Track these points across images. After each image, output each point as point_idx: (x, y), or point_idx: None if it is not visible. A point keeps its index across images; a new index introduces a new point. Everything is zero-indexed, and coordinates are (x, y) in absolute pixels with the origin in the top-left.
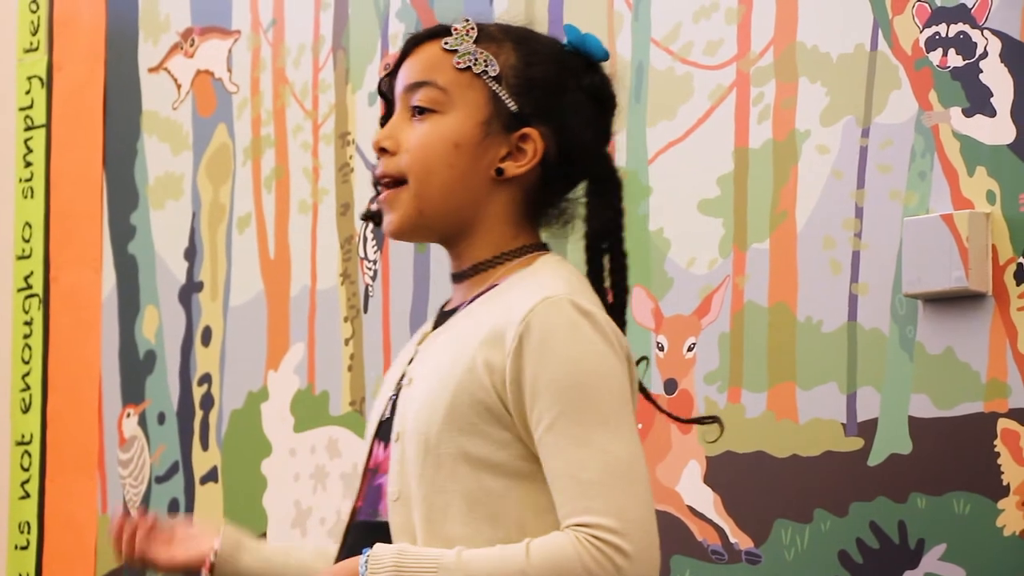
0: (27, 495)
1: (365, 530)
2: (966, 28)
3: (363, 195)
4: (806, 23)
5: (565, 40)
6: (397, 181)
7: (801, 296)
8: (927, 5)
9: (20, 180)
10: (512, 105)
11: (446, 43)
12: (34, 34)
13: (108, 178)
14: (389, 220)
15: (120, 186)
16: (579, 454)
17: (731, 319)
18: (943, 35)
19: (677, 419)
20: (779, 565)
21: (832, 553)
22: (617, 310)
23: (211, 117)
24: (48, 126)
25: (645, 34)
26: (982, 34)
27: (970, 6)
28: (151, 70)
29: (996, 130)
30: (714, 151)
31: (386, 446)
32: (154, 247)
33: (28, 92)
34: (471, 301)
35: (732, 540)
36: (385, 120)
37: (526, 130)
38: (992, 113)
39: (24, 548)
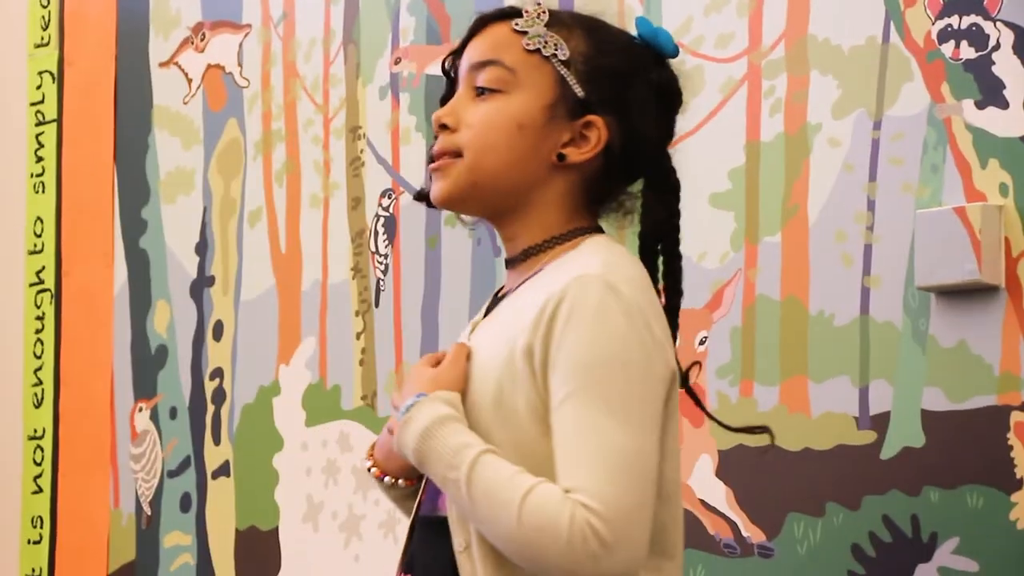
0: (39, 490)
1: (426, 526)
2: (978, 20)
3: (374, 189)
4: (817, 16)
5: (636, 33)
6: (454, 156)
7: (813, 289)
8: None
9: (32, 175)
10: (579, 91)
11: (516, 24)
12: (45, 29)
13: (119, 173)
14: (439, 187)
15: (131, 181)
16: (579, 434)
17: (743, 313)
18: (955, 27)
19: (727, 427)
20: (792, 559)
21: (845, 547)
22: (670, 312)
23: (222, 111)
24: (59, 121)
25: None
26: (995, 26)
27: None
28: (162, 65)
29: (1009, 122)
30: (725, 144)
31: None
32: (165, 242)
33: (39, 87)
34: (519, 287)
35: (745, 534)
36: (445, 100)
37: (591, 117)
38: (1005, 105)
39: (37, 543)
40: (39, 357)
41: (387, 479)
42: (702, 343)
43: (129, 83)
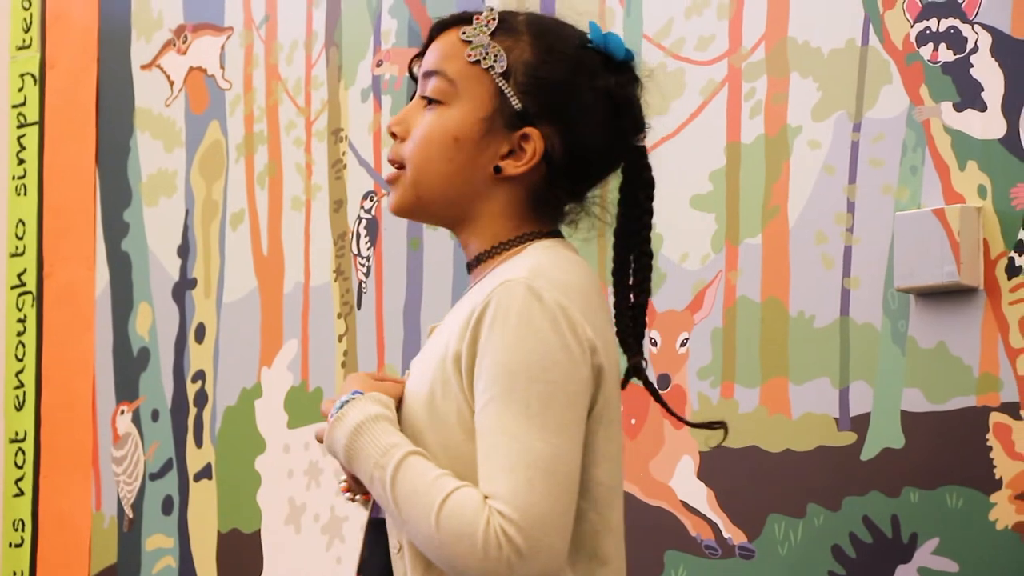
0: (21, 492)
1: (374, 527)
2: (957, 23)
3: (356, 191)
4: (797, 18)
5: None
6: (401, 167)
7: (793, 291)
8: (918, 0)
9: (13, 177)
10: (516, 103)
11: (464, 33)
12: (26, 31)
13: (101, 175)
14: (391, 198)
15: (113, 183)
16: (497, 440)
17: (724, 314)
18: (934, 30)
19: (684, 421)
20: (772, 560)
21: (825, 548)
22: (638, 310)
23: (204, 114)
24: (41, 123)
25: (637, 29)
26: (973, 29)
27: (960, 1)
28: (144, 67)
29: (987, 124)
30: (706, 146)
31: None
32: (147, 244)
33: (21, 89)
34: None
35: (726, 535)
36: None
37: (527, 130)
38: (983, 108)
39: (19, 546)
40: (21, 360)
41: (347, 495)
42: (683, 344)
43: (111, 85)
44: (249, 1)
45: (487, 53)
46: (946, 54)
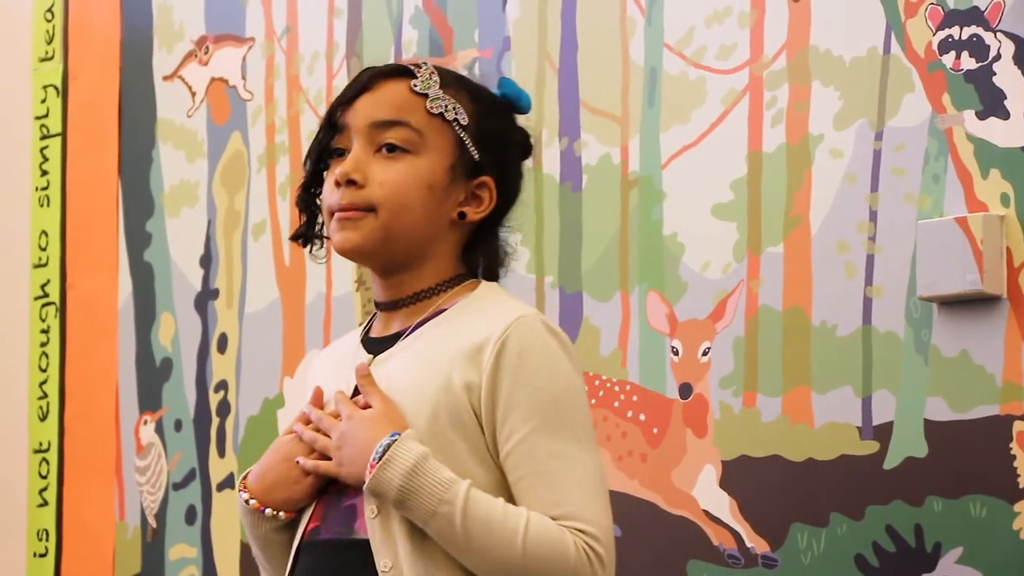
0: (45, 503)
1: (336, 548)
2: (979, 31)
3: None
4: (819, 27)
5: (499, 91)
6: (365, 210)
7: (816, 300)
8: (940, 8)
9: (36, 189)
10: (475, 154)
11: (415, 85)
12: (49, 43)
13: (124, 186)
14: (347, 237)
15: (135, 194)
16: (555, 465)
17: (746, 323)
18: (956, 38)
19: None
20: (795, 569)
21: (848, 557)
22: None
23: (225, 125)
24: (64, 135)
25: (658, 39)
26: (995, 36)
27: (983, 8)
28: (166, 78)
29: (1010, 132)
30: (727, 155)
31: None
32: (170, 254)
33: (44, 101)
34: (418, 326)
35: (748, 544)
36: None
37: (484, 178)
38: (1006, 115)
39: (43, 555)
40: (44, 370)
41: (268, 511)
42: (705, 354)
43: (133, 96)
44: (270, 12)
45: (447, 106)
46: (968, 62)
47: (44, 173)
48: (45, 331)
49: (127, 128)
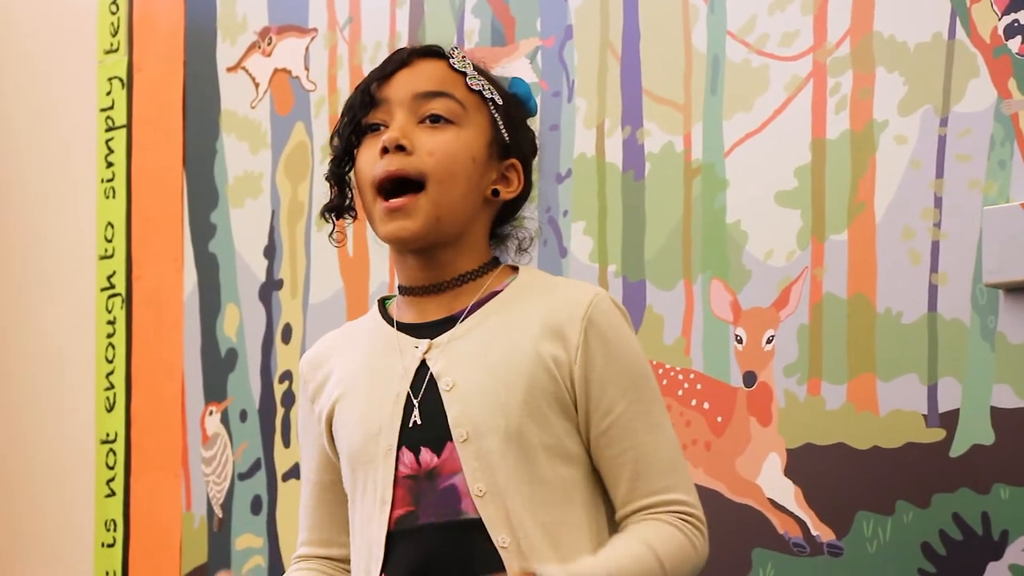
0: (112, 493)
1: (442, 531)
2: None
3: None
4: (883, 12)
5: (509, 89)
6: (411, 182)
7: (880, 287)
8: None
9: (102, 180)
10: (506, 135)
11: (454, 63)
12: (114, 35)
13: (188, 177)
14: (403, 226)
15: (200, 185)
16: (653, 437)
17: (810, 311)
18: (1022, 22)
19: None
20: (861, 557)
21: (915, 545)
22: None
23: (289, 115)
24: (129, 126)
25: (720, 27)
26: None
27: None
28: (229, 69)
29: None
30: (791, 142)
31: (433, 451)
32: (234, 245)
33: (109, 93)
34: (475, 308)
35: (814, 533)
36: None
37: (513, 160)
38: None
39: (111, 546)
40: (111, 361)
41: None
42: (769, 341)
43: (197, 88)
44: (333, 2)
45: (484, 85)
46: None
47: (109, 165)
48: (111, 322)
49: (191, 120)
